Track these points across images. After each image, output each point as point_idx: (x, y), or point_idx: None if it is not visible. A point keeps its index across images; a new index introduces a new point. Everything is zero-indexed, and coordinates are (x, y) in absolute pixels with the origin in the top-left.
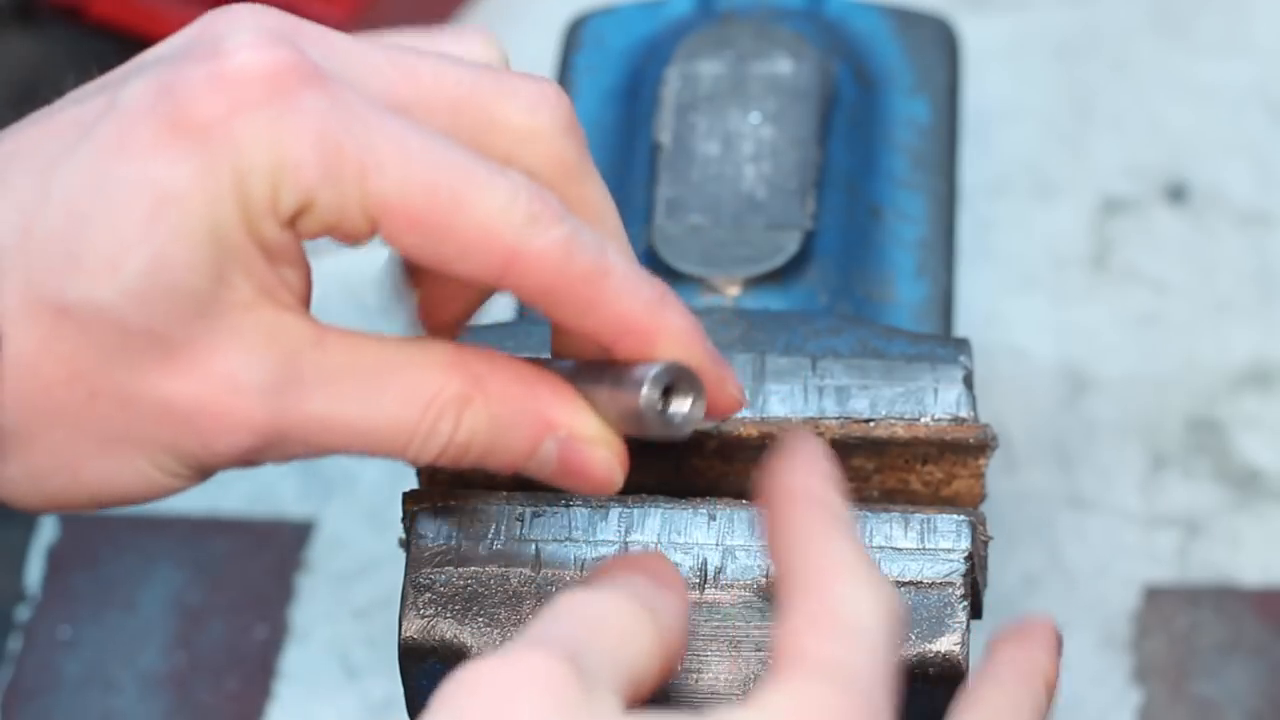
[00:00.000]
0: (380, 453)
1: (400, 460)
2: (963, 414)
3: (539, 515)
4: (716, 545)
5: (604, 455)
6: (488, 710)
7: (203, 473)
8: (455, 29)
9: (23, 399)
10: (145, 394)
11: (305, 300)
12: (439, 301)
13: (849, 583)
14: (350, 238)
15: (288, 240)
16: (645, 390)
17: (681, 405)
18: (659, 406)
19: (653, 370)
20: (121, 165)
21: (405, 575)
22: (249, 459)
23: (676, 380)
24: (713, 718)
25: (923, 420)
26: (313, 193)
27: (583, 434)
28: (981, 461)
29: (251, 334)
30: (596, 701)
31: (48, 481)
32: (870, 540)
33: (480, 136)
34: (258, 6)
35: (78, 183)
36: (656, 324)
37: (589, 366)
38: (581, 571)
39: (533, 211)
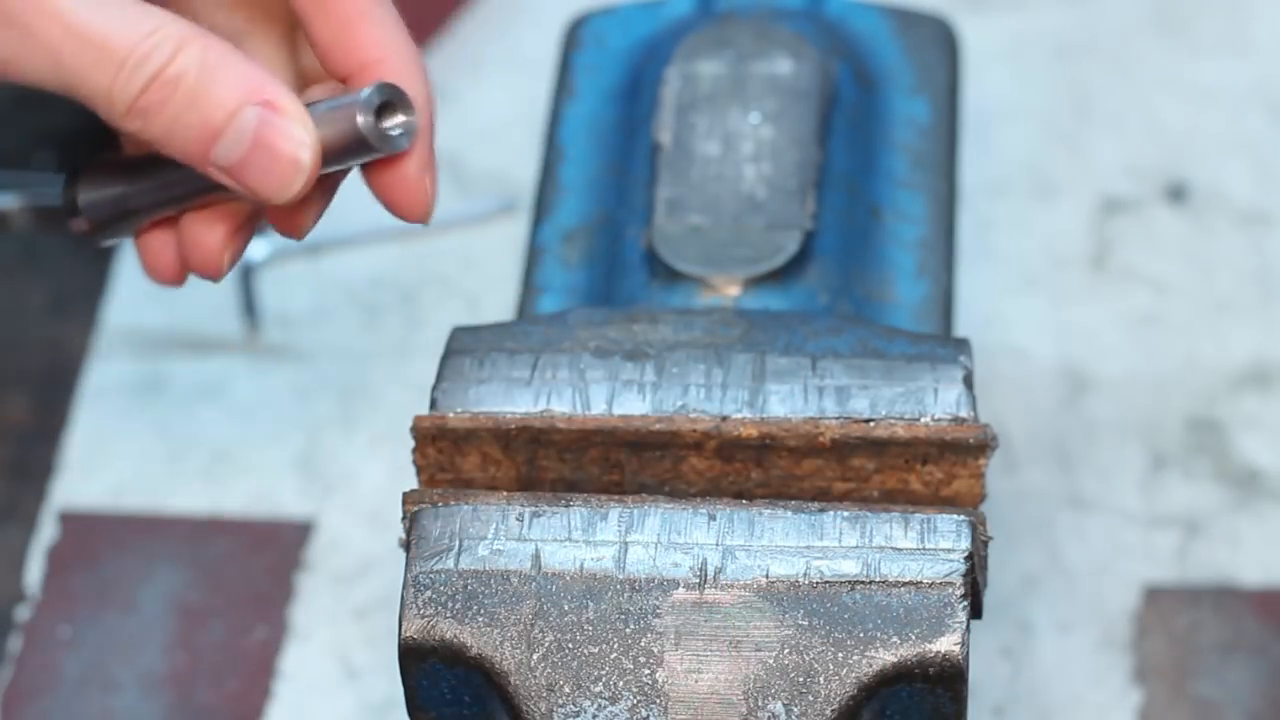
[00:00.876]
0: (87, 72)
1: (99, 94)
2: (963, 414)
3: (539, 515)
4: (716, 545)
5: (299, 132)
6: None
7: None
8: None
9: None
10: None
11: None
12: None
13: None
14: None
15: None
16: (365, 95)
17: (395, 120)
18: (375, 121)
19: (369, 88)
20: None
21: (405, 575)
22: None
23: (393, 99)
24: None
25: (923, 420)
26: None
27: (284, 106)
28: (981, 461)
29: None
30: None
31: None
32: (870, 540)
33: None
34: None
35: None
36: (408, 69)
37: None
38: (581, 570)
39: None
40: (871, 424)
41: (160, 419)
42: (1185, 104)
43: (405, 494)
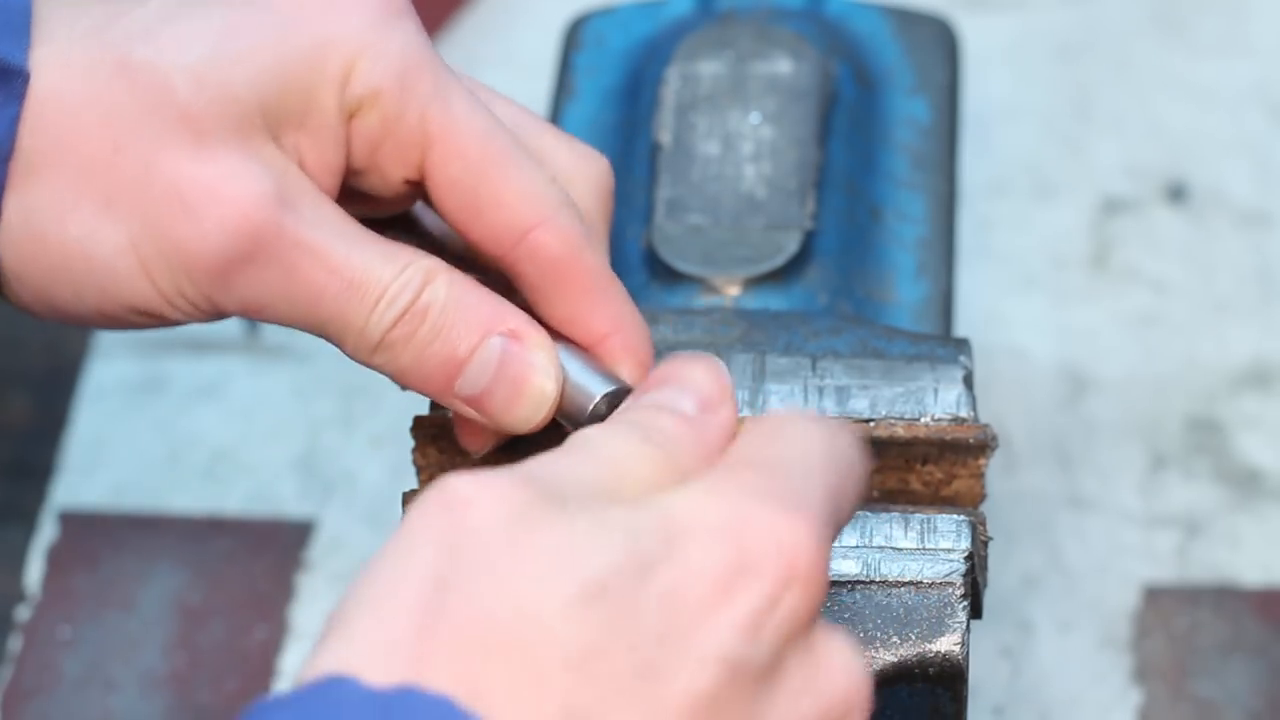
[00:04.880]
0: (347, 309)
1: (352, 331)
2: (963, 414)
3: None
4: None
5: (542, 360)
6: (442, 512)
7: (175, 273)
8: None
9: (52, 130)
10: (162, 167)
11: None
12: None
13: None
14: (395, 162)
15: (335, 118)
16: (595, 403)
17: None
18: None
19: (616, 387)
20: None
21: None
22: (228, 269)
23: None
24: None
25: (923, 420)
26: (381, 88)
27: (528, 335)
28: (981, 461)
29: (270, 157)
30: (575, 516)
31: (34, 218)
32: (870, 540)
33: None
34: None
35: None
36: (639, 347)
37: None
38: None
39: (567, 198)
40: (871, 424)
41: (160, 419)
42: (1185, 104)
43: (405, 494)
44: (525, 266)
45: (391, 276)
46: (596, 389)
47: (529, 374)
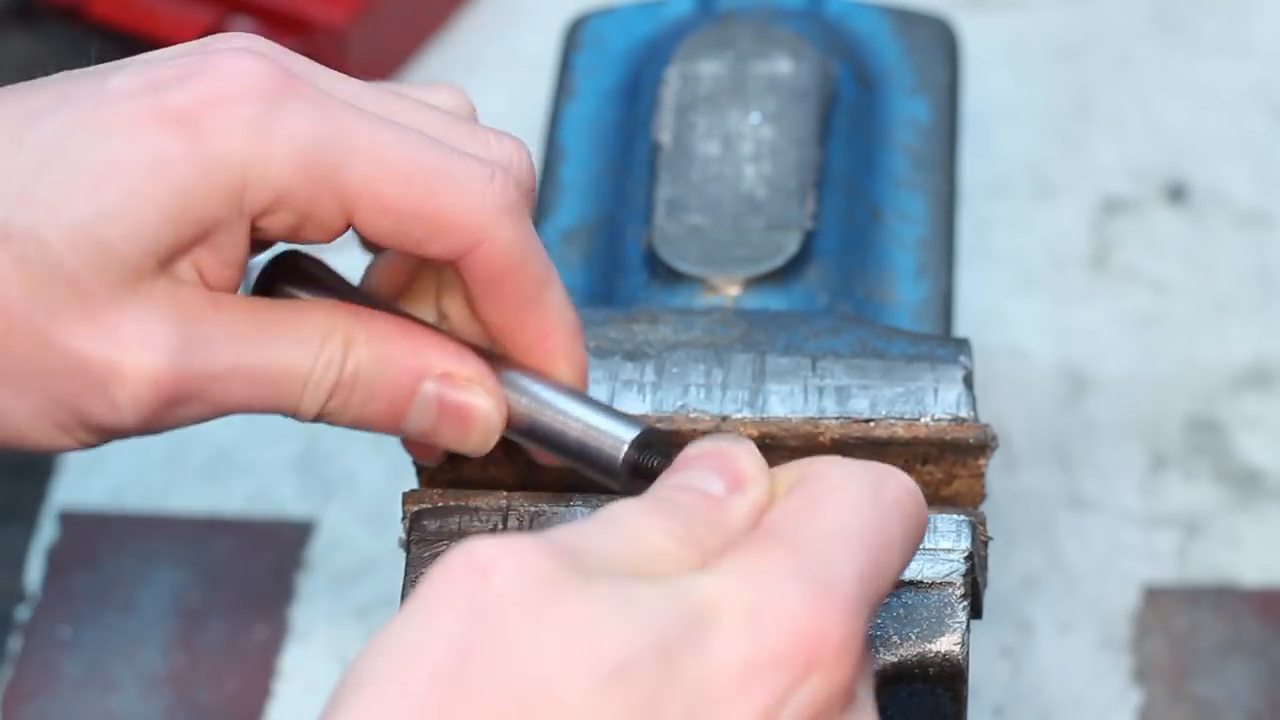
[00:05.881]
0: (279, 401)
1: (292, 414)
2: (963, 414)
3: (539, 515)
4: None
5: (483, 399)
6: (464, 577)
7: (102, 434)
8: (427, 83)
9: None
10: (59, 344)
11: (230, 289)
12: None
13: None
14: (322, 231)
15: (238, 236)
16: (626, 451)
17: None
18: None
19: (636, 432)
20: (95, 129)
21: (405, 575)
22: (153, 422)
23: (652, 441)
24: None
25: (923, 420)
26: (284, 191)
27: (460, 374)
28: (981, 461)
29: (165, 297)
30: (592, 584)
31: None
32: None
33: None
34: (254, 35)
35: (50, 135)
36: (572, 349)
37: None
38: None
39: (507, 200)
40: (871, 424)
41: None
42: (1185, 104)
43: (405, 494)
44: (470, 276)
45: (311, 362)
46: (624, 434)
47: (470, 410)
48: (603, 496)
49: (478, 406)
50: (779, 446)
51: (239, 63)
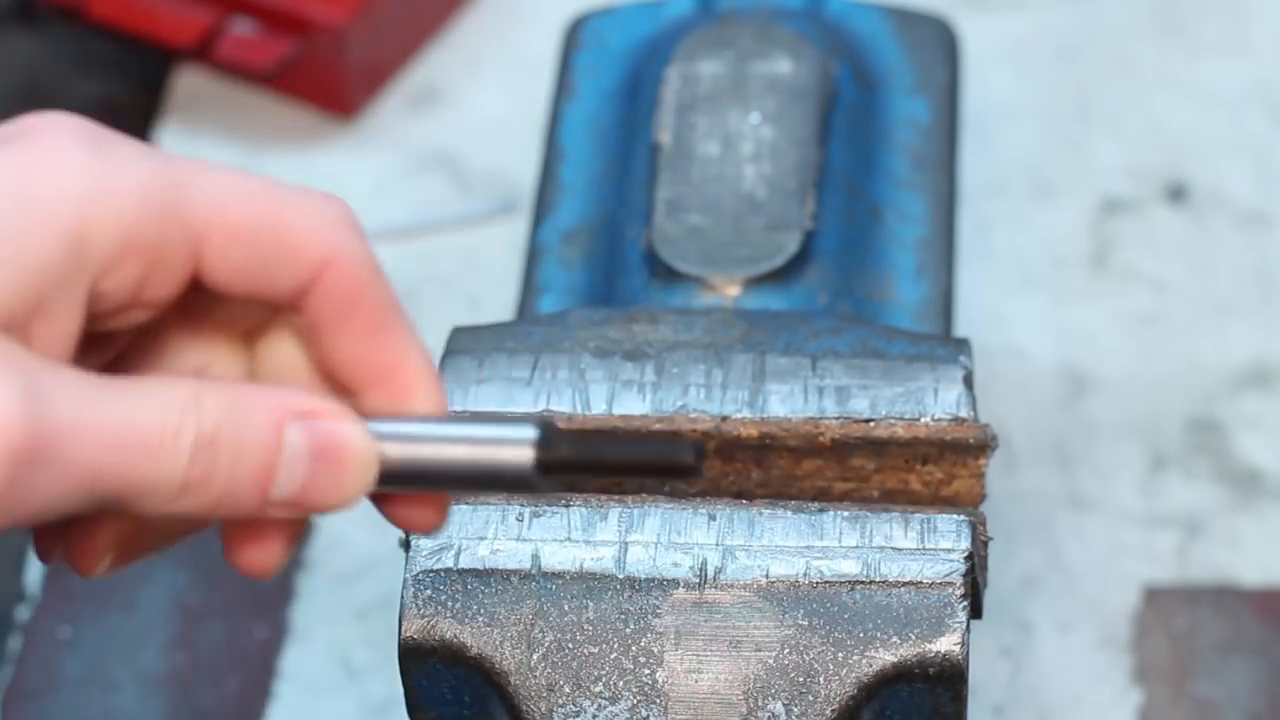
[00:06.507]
0: (135, 467)
1: (147, 489)
2: (963, 414)
3: (538, 515)
4: (716, 545)
5: (354, 426)
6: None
7: None
8: None
9: None
10: None
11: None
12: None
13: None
14: (168, 281)
15: (74, 298)
16: (534, 452)
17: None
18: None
19: (530, 426)
20: None
21: (405, 575)
22: (8, 493)
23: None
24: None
25: (923, 420)
26: (132, 229)
27: (323, 408)
28: (981, 461)
29: (2, 353)
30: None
31: None
32: (870, 540)
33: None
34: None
35: None
36: (429, 376)
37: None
38: (581, 570)
39: (350, 216)
40: (871, 424)
41: None
42: (1185, 104)
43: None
44: (320, 307)
45: (163, 416)
46: (521, 434)
47: (347, 442)
48: (601, 496)
49: (351, 435)
50: (779, 446)
51: (61, 120)
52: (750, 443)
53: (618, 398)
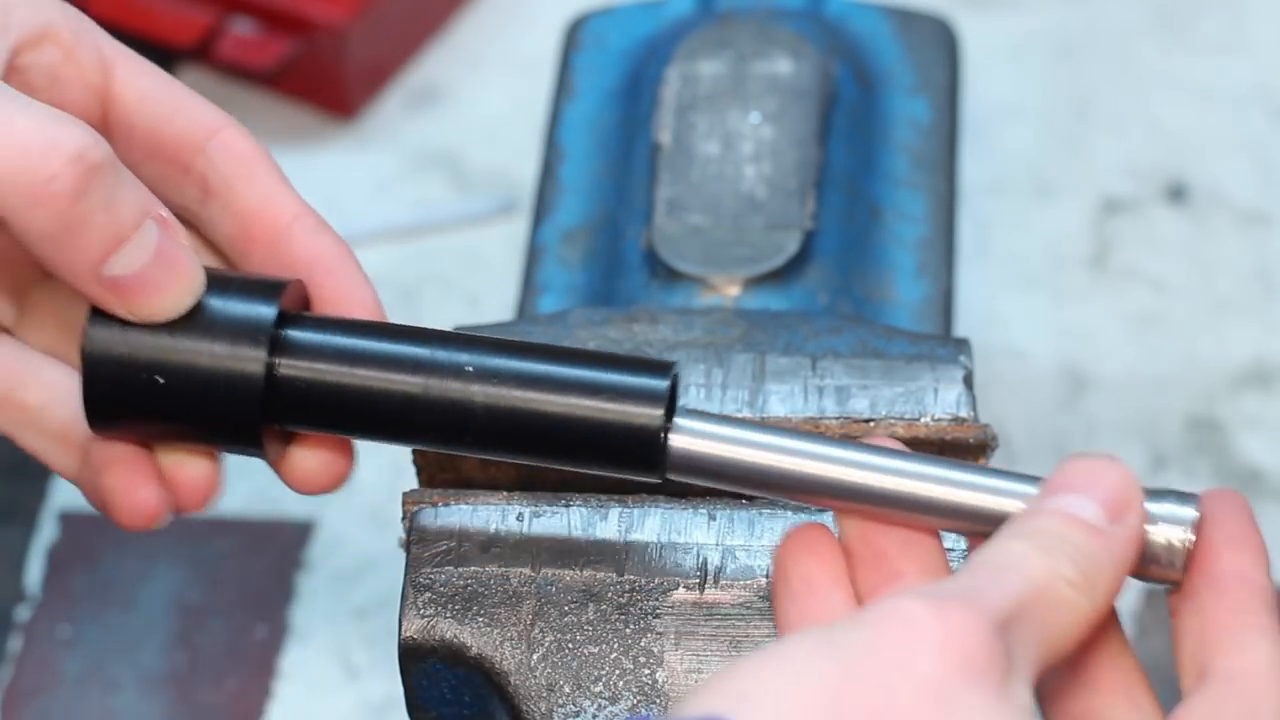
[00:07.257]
0: (24, 190)
1: (42, 209)
2: (963, 414)
3: (538, 515)
4: (716, 545)
5: (192, 249)
6: (890, 657)
7: None
8: None
9: None
10: None
11: None
12: None
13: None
14: (82, 81)
15: None
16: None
17: None
18: None
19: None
20: None
21: (405, 575)
22: None
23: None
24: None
25: (923, 420)
26: (49, 23)
27: (176, 223)
28: (981, 461)
29: None
30: (1013, 684)
31: None
32: None
33: None
34: None
35: None
36: (323, 223)
37: None
38: (581, 570)
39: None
40: (871, 424)
41: None
42: (1185, 104)
43: (405, 494)
44: (218, 159)
45: (66, 131)
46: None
47: (184, 256)
48: (601, 496)
49: (189, 254)
50: None
51: None
52: None
53: None
